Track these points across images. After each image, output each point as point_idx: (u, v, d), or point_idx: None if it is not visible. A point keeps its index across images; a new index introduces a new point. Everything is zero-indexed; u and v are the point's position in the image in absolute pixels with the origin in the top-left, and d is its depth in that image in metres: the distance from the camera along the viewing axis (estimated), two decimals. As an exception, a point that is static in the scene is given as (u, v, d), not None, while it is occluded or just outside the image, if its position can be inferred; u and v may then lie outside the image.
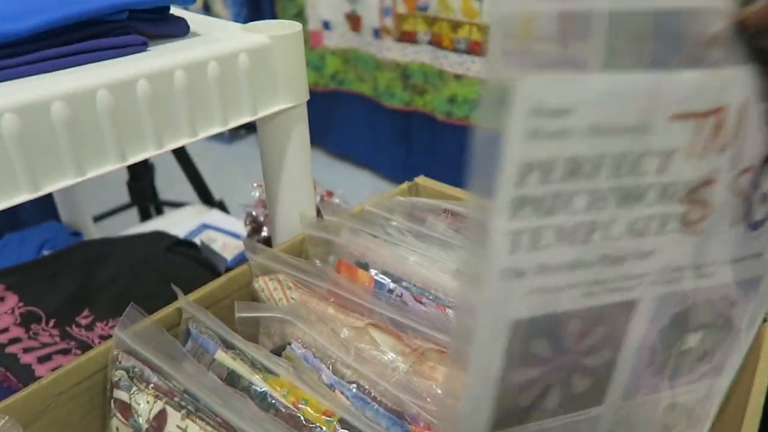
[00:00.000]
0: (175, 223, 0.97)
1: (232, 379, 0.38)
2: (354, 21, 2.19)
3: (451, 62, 1.94)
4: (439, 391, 0.36)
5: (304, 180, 0.52)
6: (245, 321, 0.43)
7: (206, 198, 1.21)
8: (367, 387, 0.39)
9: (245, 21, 2.24)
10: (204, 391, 0.35)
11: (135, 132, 0.39)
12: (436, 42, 1.96)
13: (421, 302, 0.43)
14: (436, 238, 0.51)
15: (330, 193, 0.71)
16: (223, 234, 0.90)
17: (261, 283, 0.47)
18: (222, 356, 0.40)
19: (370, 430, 0.34)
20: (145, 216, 1.21)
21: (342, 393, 0.38)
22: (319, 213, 0.54)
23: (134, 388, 0.38)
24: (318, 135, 2.61)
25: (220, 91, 0.43)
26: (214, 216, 0.97)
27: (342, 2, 2.18)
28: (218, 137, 3.01)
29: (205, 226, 0.91)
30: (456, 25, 1.88)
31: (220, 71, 0.42)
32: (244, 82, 0.44)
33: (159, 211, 1.28)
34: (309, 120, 0.50)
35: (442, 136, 2.05)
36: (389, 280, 0.45)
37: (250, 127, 2.95)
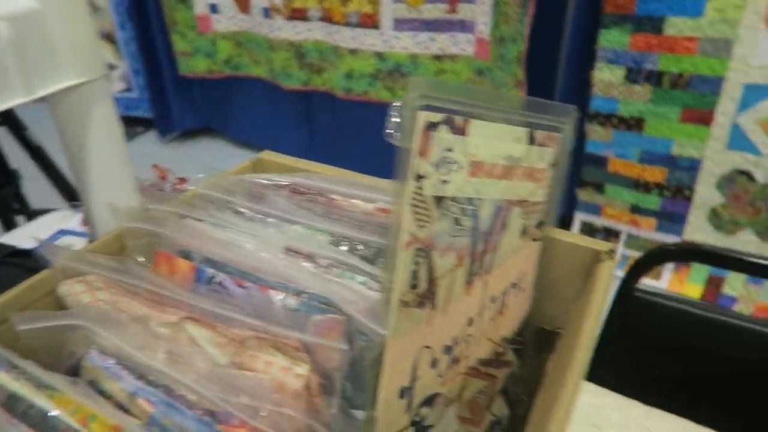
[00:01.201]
0: (38, 230, 0.89)
1: (12, 403, 0.33)
2: (242, 2, 2.09)
3: (345, 37, 1.89)
4: (261, 382, 0.32)
5: (118, 167, 0.46)
6: (40, 333, 0.38)
7: (73, 200, 1.12)
8: (176, 389, 0.34)
9: (126, 9, 2.11)
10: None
11: None
12: (327, 17, 1.90)
13: (242, 286, 0.39)
14: (275, 216, 0.47)
15: (183, 180, 0.65)
16: (83, 238, 0.82)
17: (66, 288, 0.41)
18: (3, 378, 0.34)
19: (167, 441, 0.30)
20: (9, 226, 1.10)
21: (147, 400, 0.34)
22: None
23: None
24: (218, 123, 2.50)
25: (-24, 70, 0.36)
26: (78, 220, 0.89)
27: (227, -18, 2.08)
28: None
29: (64, 232, 0.83)
30: (345, -1, 1.83)
31: (-28, 46, 0.36)
32: (8, 56, 0.38)
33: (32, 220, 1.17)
34: (207, 108, 0.45)
35: (343, 113, 2.01)
36: (211, 268, 0.41)
37: (148, 123, 2.77)
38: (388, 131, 0.36)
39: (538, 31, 1.56)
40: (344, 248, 0.42)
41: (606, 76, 1.54)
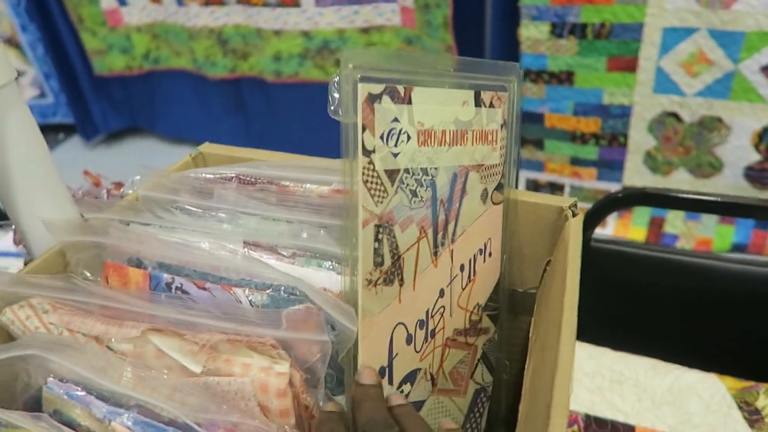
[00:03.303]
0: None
1: (-33, 449, 0.30)
2: (152, -10, 1.98)
3: (267, 18, 1.83)
4: (242, 386, 0.31)
5: (46, 177, 0.43)
6: (-13, 369, 0.34)
7: None
8: (151, 407, 0.32)
9: (26, 9, 1.94)
10: None
11: None
12: (245, 0, 1.83)
13: (204, 288, 0.37)
14: (227, 211, 0.45)
15: (119, 185, 0.61)
16: (19, 259, 0.76)
17: (9, 316, 0.38)
18: (-48, 424, 0.31)
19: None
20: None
21: (121, 423, 0.32)
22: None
23: None
24: (145, 121, 2.39)
25: None
26: (9, 239, 0.83)
27: (133, -28, 1.96)
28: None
29: (-6, 255, 0.77)
30: (262, -22, 1.76)
31: None
32: None
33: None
34: (131, 107, 0.41)
35: (276, 97, 1.95)
36: (166, 273, 0.38)
37: (69, 129, 2.60)
38: (331, 108, 0.34)
39: (461, -6, 1.56)
40: (305, 235, 0.40)
41: (532, 33, 1.56)
